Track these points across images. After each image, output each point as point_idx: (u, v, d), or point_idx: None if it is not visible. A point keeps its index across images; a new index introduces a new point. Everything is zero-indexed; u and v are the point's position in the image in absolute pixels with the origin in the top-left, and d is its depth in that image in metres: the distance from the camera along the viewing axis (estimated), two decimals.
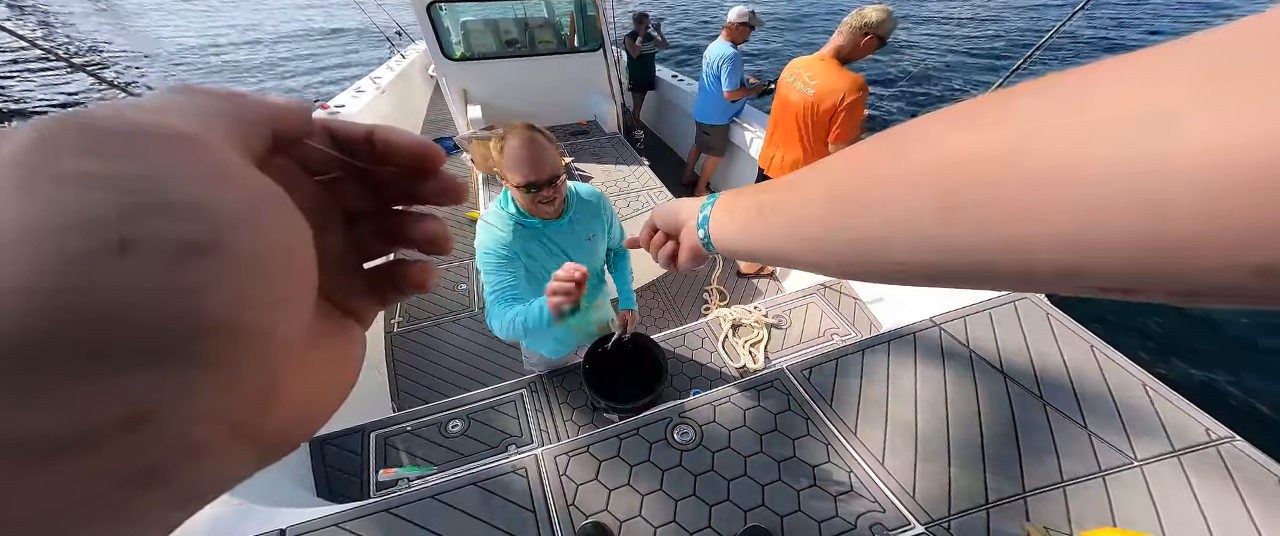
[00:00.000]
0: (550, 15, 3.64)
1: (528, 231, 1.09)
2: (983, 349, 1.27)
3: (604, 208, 1.26)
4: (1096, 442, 1.03)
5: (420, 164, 0.17)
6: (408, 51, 5.36)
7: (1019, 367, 1.22)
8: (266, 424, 0.12)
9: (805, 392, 1.22)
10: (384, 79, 3.82)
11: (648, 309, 2.47)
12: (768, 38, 12.01)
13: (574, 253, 1.18)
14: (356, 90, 3.44)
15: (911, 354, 1.29)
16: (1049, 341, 1.27)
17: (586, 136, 3.06)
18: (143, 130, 0.10)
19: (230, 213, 0.10)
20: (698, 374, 1.63)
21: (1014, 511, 0.96)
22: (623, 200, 2.27)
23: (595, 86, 3.33)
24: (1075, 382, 1.16)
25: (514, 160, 0.97)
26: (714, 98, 2.77)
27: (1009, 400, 1.14)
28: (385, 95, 3.58)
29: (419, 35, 2.94)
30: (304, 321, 0.12)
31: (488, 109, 3.16)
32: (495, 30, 3.38)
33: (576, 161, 2.64)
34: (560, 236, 1.14)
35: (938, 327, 1.35)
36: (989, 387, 1.18)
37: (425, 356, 2.21)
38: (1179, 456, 0.98)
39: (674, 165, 3.83)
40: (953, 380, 1.21)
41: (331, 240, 0.17)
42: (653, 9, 11.40)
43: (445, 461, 1.41)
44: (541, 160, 0.99)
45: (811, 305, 1.90)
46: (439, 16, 2.93)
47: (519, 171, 0.97)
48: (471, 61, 3.20)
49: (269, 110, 0.13)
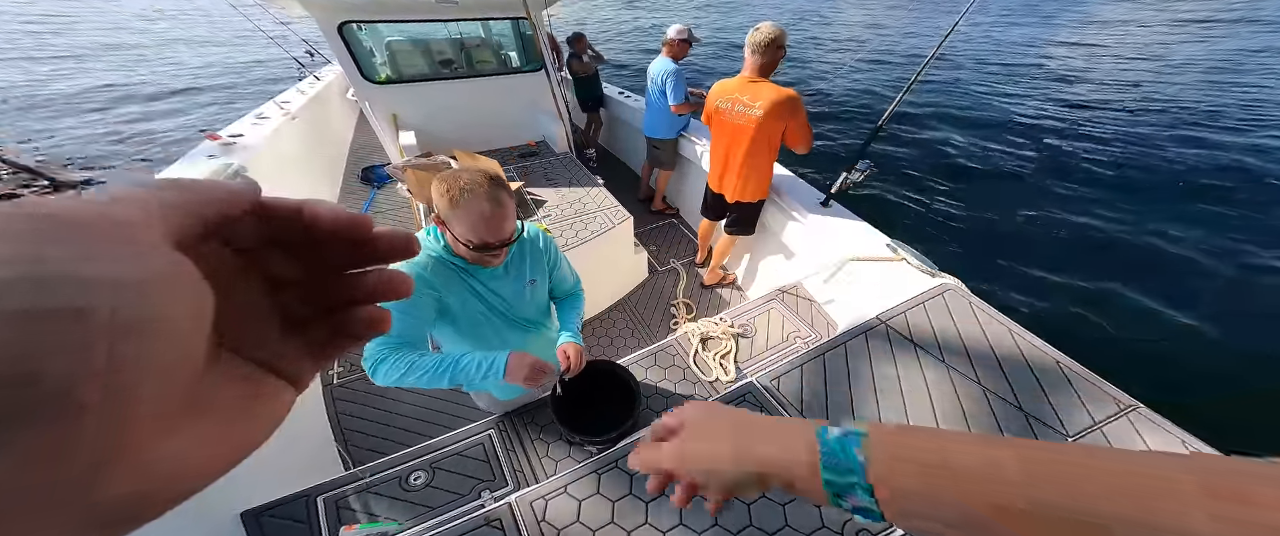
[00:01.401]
0: (487, 35, 3.55)
1: (453, 272, 1.01)
2: (924, 339, 1.38)
3: (548, 251, 1.19)
4: (1033, 422, 1.14)
5: (349, 235, 0.19)
6: (324, 72, 5.03)
7: (956, 354, 1.33)
8: (102, 486, 0.12)
9: (776, 402, 1.26)
10: (293, 104, 3.54)
11: (616, 330, 2.45)
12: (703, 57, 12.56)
13: (511, 298, 1.11)
14: (258, 117, 3.09)
15: (865, 352, 1.37)
16: (974, 326, 1.41)
17: (536, 158, 2.98)
18: (62, 217, 0.11)
19: (115, 285, 0.11)
20: (673, 393, 1.64)
21: None
22: (579, 221, 2.23)
23: (541, 106, 3.28)
24: (1003, 365, 1.28)
25: (475, 223, 0.89)
26: (661, 112, 2.84)
27: (954, 387, 1.25)
28: (296, 122, 3.32)
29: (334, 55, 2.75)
30: (178, 381, 0.13)
31: (423, 134, 3.00)
32: (427, 51, 3.22)
33: (527, 185, 2.57)
34: (495, 282, 1.07)
35: (884, 324, 1.45)
36: (934, 376, 1.28)
37: (374, 406, 2.05)
38: (1101, 428, 1.11)
39: (631, 181, 3.85)
40: (904, 374, 1.30)
41: (248, 305, 0.19)
42: (588, 30, 11.53)
43: (411, 517, 1.31)
44: (505, 222, 0.92)
45: (773, 311, 1.98)
46: (355, 37, 2.75)
47: (475, 233, 0.90)
48: (401, 84, 3.03)
49: (201, 196, 0.15)
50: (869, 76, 9.75)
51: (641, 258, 2.68)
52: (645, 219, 3.40)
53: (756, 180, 2.08)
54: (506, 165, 2.76)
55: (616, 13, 22.85)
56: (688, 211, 3.38)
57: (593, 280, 2.41)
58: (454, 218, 0.89)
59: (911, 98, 6.43)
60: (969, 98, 8.10)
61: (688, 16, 20.78)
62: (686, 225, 3.35)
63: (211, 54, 13.50)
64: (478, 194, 0.88)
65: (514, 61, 3.50)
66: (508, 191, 0.93)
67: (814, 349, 1.40)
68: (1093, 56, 11.16)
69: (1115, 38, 12.92)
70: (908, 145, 6.16)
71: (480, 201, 0.88)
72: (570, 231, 2.16)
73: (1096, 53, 11.52)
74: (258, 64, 11.95)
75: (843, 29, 15.81)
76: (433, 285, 0.98)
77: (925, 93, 8.19)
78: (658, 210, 3.44)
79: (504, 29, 3.46)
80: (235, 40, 14.38)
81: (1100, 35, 13.50)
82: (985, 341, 1.36)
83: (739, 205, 2.20)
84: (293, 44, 4.71)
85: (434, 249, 1.00)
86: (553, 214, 2.30)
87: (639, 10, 23.41)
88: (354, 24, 2.69)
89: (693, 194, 3.03)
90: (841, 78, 9.61)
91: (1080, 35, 13.72)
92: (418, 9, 2.79)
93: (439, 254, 1.00)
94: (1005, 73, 9.69)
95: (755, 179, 2.07)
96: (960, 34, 13.40)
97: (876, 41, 13.95)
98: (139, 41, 14.52)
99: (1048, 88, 8.57)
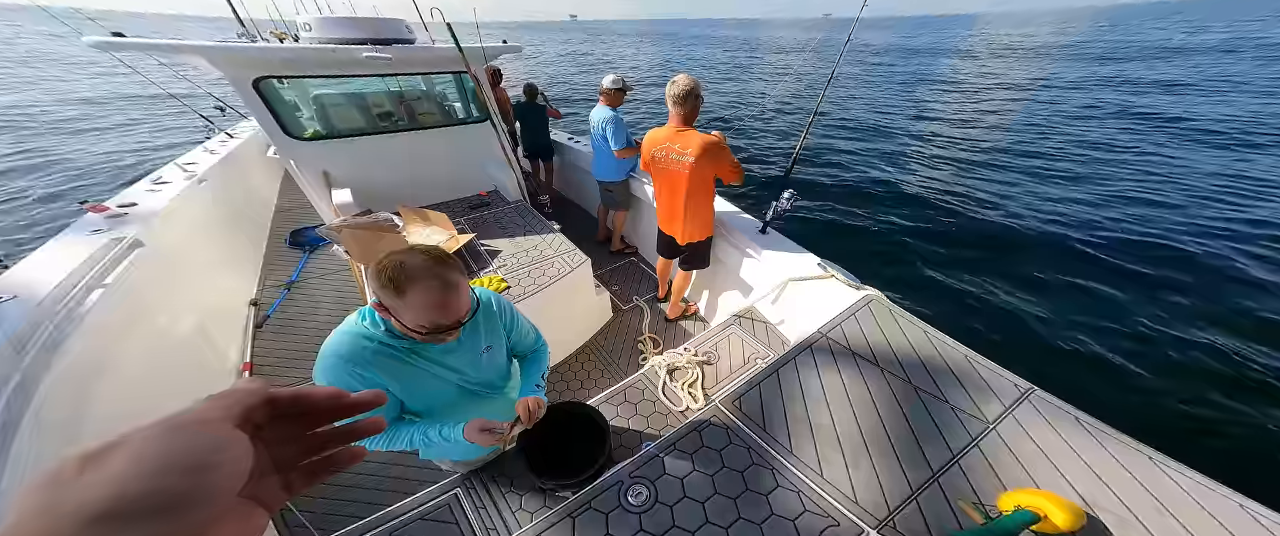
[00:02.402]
0: (429, 88, 3.52)
1: (398, 357, 0.92)
2: (859, 348, 1.53)
3: (503, 314, 1.13)
4: (960, 415, 1.29)
5: (332, 406, 0.34)
6: (240, 129, 4.71)
7: (887, 359, 1.49)
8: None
9: (741, 422, 1.33)
10: (200, 165, 3.31)
11: (585, 372, 2.44)
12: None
13: (467, 369, 1.05)
14: (155, 182, 2.79)
15: (813, 364, 1.49)
16: (897, 331, 1.59)
17: (488, 208, 2.96)
18: (194, 416, 0.26)
19: (216, 449, 0.25)
20: (645, 427, 1.66)
21: (934, 494, 1.11)
22: (537, 268, 2.25)
23: (491, 156, 3.28)
24: (926, 364, 1.45)
25: (425, 309, 0.82)
26: (607, 156, 2.99)
27: (891, 390, 1.38)
28: (205, 185, 3.07)
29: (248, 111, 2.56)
30: (233, 498, 0.25)
31: (361, 191, 2.85)
32: (362, 106, 3.09)
33: (480, 237, 2.55)
34: (448, 356, 0.99)
35: (825, 336, 1.59)
36: (873, 381, 1.42)
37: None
38: (1012, 412, 1.28)
39: (588, 225, 3.90)
40: (848, 382, 1.42)
41: (259, 459, 0.29)
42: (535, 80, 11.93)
43: None
44: (458, 302, 0.85)
45: (733, 335, 2.08)
46: (275, 92, 2.59)
47: (427, 319, 0.83)
48: (332, 140, 2.88)
49: (250, 397, 0.29)
50: (789, 119, 10.96)
51: (604, 298, 2.71)
52: (605, 260, 3.46)
53: (700, 220, 2.24)
54: (457, 217, 2.74)
55: (562, 66, 23.98)
56: (646, 249, 3.47)
57: (557, 325, 2.43)
58: (401, 307, 0.82)
59: (815, 134, 7.31)
60: (858, 130, 9.63)
61: (628, 65, 22.34)
62: (646, 262, 3.44)
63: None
64: (424, 279, 0.80)
65: (459, 113, 3.46)
66: (457, 268, 0.86)
67: (768, 366, 1.50)
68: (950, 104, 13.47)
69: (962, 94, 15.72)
70: (823, 168, 7.17)
71: (429, 287, 0.80)
72: (528, 279, 2.17)
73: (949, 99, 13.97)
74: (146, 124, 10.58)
75: (761, 82, 17.84)
76: (373, 381, 0.90)
77: (826, 127, 9.71)
78: (617, 250, 3.53)
79: (446, 80, 3.44)
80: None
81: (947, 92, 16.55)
82: (907, 344, 1.53)
83: (690, 245, 2.35)
84: (195, 99, 4.23)
85: (372, 335, 0.91)
86: (508, 263, 2.30)
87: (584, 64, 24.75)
88: (273, 79, 2.54)
89: (649, 231, 3.13)
90: (761, 121, 10.72)
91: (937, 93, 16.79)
92: (345, 65, 2.65)
93: (380, 341, 0.91)
94: (880, 111, 11.53)
95: (699, 219, 2.24)
96: (848, 77, 15.79)
97: (790, 85, 16.37)
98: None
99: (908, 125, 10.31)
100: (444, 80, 3.47)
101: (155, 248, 2.15)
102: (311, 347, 2.55)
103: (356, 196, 2.70)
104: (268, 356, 2.56)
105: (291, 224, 4.00)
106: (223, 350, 2.44)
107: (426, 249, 0.84)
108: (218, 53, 2.29)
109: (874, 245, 4.85)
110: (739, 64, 23.57)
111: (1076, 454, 1.15)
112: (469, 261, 2.33)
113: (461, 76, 3.24)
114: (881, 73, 18.98)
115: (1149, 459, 1.11)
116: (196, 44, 2.22)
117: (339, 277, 3.29)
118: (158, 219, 2.32)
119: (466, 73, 2.73)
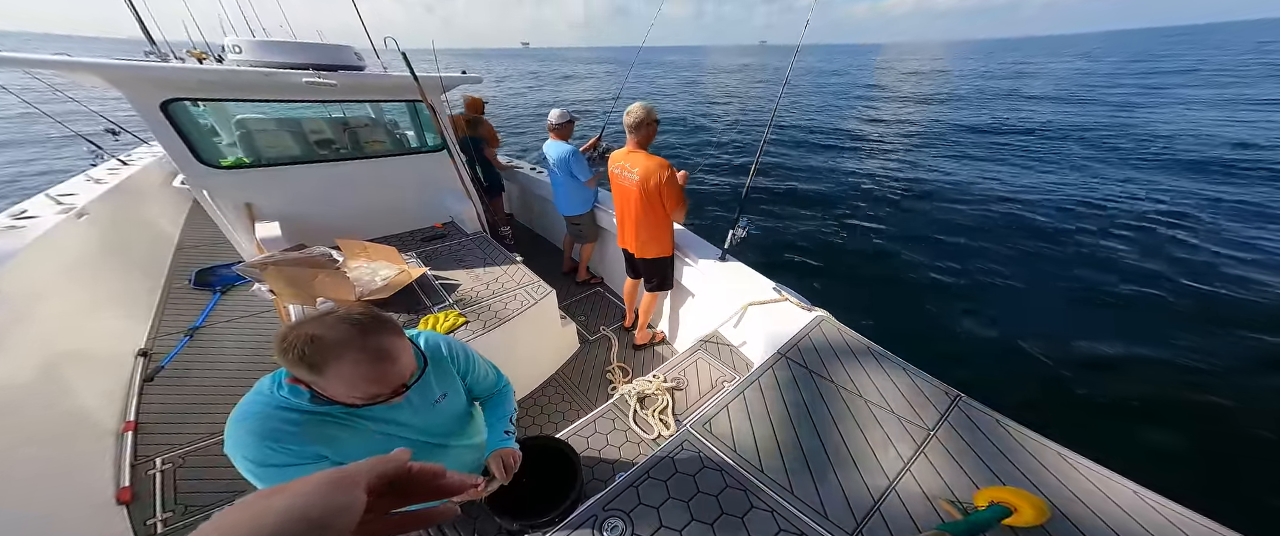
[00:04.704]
0: (378, 116, 3.38)
1: (332, 426, 0.80)
2: (815, 366, 1.65)
3: (455, 360, 1.04)
4: (907, 425, 1.41)
5: (432, 489, 0.42)
6: (135, 155, 4.24)
7: (839, 373, 1.61)
8: None
9: (712, 446, 1.37)
10: (81, 197, 2.91)
11: (554, 405, 2.39)
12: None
13: (418, 424, 0.95)
14: (15, 217, 2.44)
15: (775, 384, 1.58)
16: (846, 348, 1.73)
17: (444, 241, 2.86)
18: (344, 474, 0.35)
19: (340, 511, 0.33)
20: (618, 457, 1.66)
21: (894, 503, 1.18)
22: (498, 301, 2.21)
23: (446, 186, 3.16)
24: (870, 375, 1.59)
25: (354, 383, 0.71)
26: (569, 191, 3.03)
27: (844, 402, 1.49)
28: (87, 221, 2.71)
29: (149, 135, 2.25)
30: None
31: (292, 224, 2.62)
32: (297, 132, 2.86)
33: (435, 269, 2.47)
34: (394, 413, 0.89)
35: (784, 357, 1.69)
36: (828, 395, 1.52)
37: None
38: (947, 418, 1.42)
39: (553, 255, 3.85)
40: (808, 398, 1.52)
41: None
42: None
43: None
44: (396, 366, 0.74)
45: (700, 360, 2.15)
46: (187, 116, 2.34)
47: (360, 392, 0.72)
48: (258, 169, 2.64)
49: (379, 469, 0.37)
50: (740, 143, 11.69)
51: (570, 329, 2.69)
52: (571, 291, 3.44)
53: (653, 236, 2.34)
54: (408, 251, 2.64)
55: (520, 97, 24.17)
56: (612, 279, 3.48)
57: (522, 358, 2.40)
58: (324, 383, 0.70)
59: (766, 158, 7.95)
60: (807, 153, 10.68)
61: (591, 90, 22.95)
62: (613, 292, 3.44)
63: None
64: (349, 354, 0.68)
65: (411, 142, 3.33)
66: (389, 331, 0.74)
67: (734, 388, 1.57)
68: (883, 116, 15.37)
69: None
70: (774, 195, 7.76)
71: (356, 361, 0.69)
72: (488, 312, 2.13)
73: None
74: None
75: (712, 105, 19.06)
76: (304, 453, 0.76)
77: (776, 152, 10.53)
78: (583, 281, 3.54)
79: (398, 107, 3.31)
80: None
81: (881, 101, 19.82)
82: (855, 359, 1.67)
83: (646, 262, 2.43)
84: (79, 118, 3.69)
85: (293, 405, 0.76)
86: (467, 297, 2.25)
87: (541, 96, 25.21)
88: (186, 101, 2.29)
89: (614, 261, 3.16)
90: (721, 150, 11.34)
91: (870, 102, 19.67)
92: (278, 89, 2.43)
93: (303, 412, 0.77)
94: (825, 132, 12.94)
95: (651, 234, 2.33)
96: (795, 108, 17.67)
97: (741, 107, 18.10)
98: None
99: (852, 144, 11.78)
100: (396, 108, 3.34)
101: (12, 291, 1.88)
102: (212, 401, 2.23)
103: (286, 230, 2.50)
104: (157, 412, 2.20)
105: (200, 262, 3.55)
106: (94, 408, 2.06)
107: (346, 314, 0.71)
108: (122, 72, 2.04)
109: (814, 258, 5.37)
110: (689, 81, 25.85)
111: (1002, 454, 1.30)
112: (423, 296, 2.25)
113: (416, 105, 3.14)
114: (816, 87, 23.08)
115: (1058, 454, 1.28)
116: (95, 61, 1.97)
117: (257, 321, 2.93)
118: (14, 261, 2.02)
119: (422, 102, 2.68)
